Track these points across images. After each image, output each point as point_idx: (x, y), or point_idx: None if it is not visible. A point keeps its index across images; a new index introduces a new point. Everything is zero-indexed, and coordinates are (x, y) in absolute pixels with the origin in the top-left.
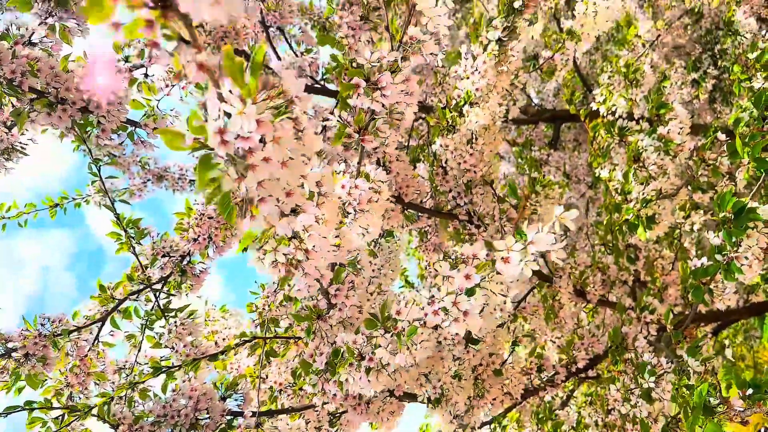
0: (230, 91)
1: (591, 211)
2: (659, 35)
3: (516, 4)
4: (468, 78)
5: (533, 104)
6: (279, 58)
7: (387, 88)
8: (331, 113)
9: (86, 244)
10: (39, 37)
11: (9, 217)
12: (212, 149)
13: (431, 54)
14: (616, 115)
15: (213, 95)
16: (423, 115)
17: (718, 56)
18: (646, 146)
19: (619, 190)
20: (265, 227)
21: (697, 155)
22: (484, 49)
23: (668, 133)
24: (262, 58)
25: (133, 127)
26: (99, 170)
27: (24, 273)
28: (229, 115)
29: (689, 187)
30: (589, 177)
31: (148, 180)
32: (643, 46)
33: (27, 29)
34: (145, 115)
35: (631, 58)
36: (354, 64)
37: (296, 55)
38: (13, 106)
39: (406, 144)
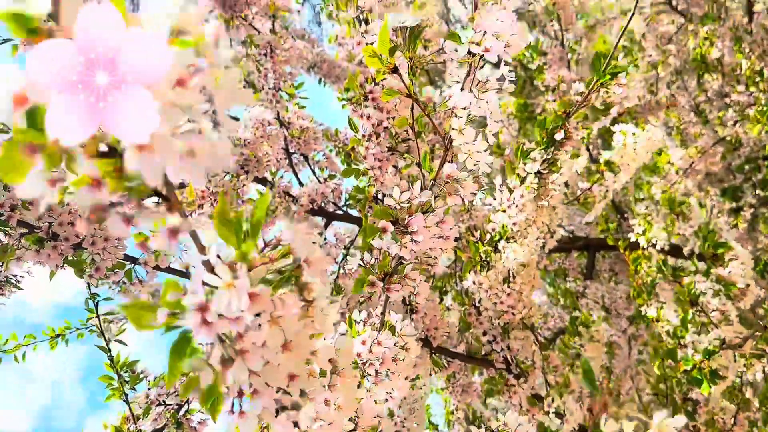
0: (218, 256)
1: (633, 349)
2: (692, 162)
3: (557, 136)
4: (504, 211)
5: (565, 231)
6: (301, 184)
7: (419, 233)
8: (352, 242)
9: (99, 358)
10: None
11: (5, 351)
12: (190, 331)
13: (471, 194)
14: (657, 248)
15: (196, 259)
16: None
17: (758, 186)
18: (704, 290)
19: (671, 334)
20: (258, 428)
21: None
22: (522, 182)
23: (728, 275)
24: (264, 214)
25: (132, 264)
26: (96, 306)
27: (35, 386)
28: (214, 288)
29: (757, 339)
30: (629, 311)
31: None
32: (677, 173)
33: None
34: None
35: (665, 185)
36: (379, 199)
37: (319, 182)
38: (0, 241)
39: (431, 274)
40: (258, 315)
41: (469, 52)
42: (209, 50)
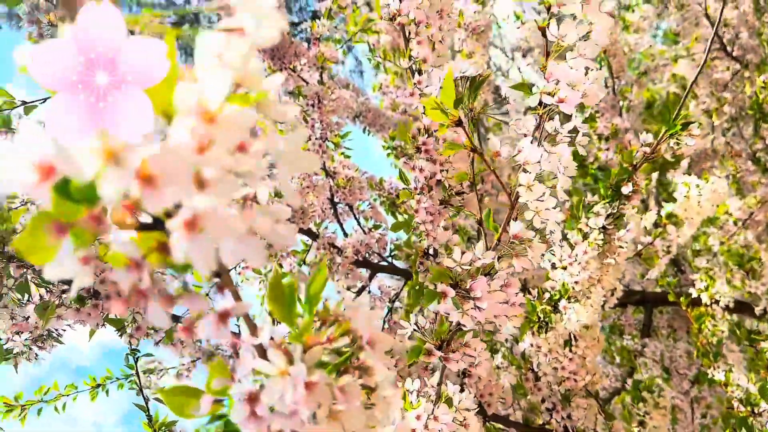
0: (271, 338)
1: (696, 413)
2: (752, 213)
3: (625, 190)
4: (565, 269)
5: (621, 285)
6: (346, 235)
7: (483, 299)
8: (397, 296)
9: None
10: None
11: (47, 401)
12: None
13: (541, 255)
14: (722, 305)
15: (246, 341)
16: None
17: None
18: None
19: (743, 401)
20: None
21: None
22: (584, 238)
23: None
24: (322, 288)
25: (175, 323)
26: (136, 362)
27: (77, 429)
28: (266, 375)
29: None
30: (691, 371)
31: (198, 359)
32: (735, 224)
33: None
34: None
35: (723, 237)
36: (431, 255)
37: (364, 232)
38: (41, 297)
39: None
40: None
41: (540, 103)
42: (272, 108)
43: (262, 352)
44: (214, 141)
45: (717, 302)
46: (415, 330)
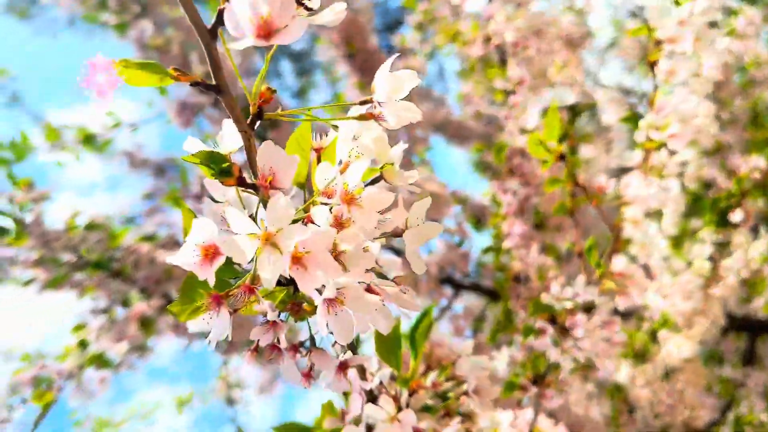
0: (381, 383)
1: None
2: None
3: (734, 217)
4: (665, 297)
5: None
6: (430, 252)
7: (584, 338)
8: (482, 315)
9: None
10: None
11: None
12: None
13: (643, 291)
14: None
15: (356, 385)
16: None
17: None
18: None
19: None
20: None
21: None
22: (689, 266)
23: None
24: (428, 329)
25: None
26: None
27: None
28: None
29: None
30: None
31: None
32: None
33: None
34: None
35: None
36: (521, 280)
37: (449, 248)
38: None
39: None
40: None
41: (648, 138)
42: (397, 176)
43: (370, 396)
44: (353, 220)
45: None
46: (509, 365)
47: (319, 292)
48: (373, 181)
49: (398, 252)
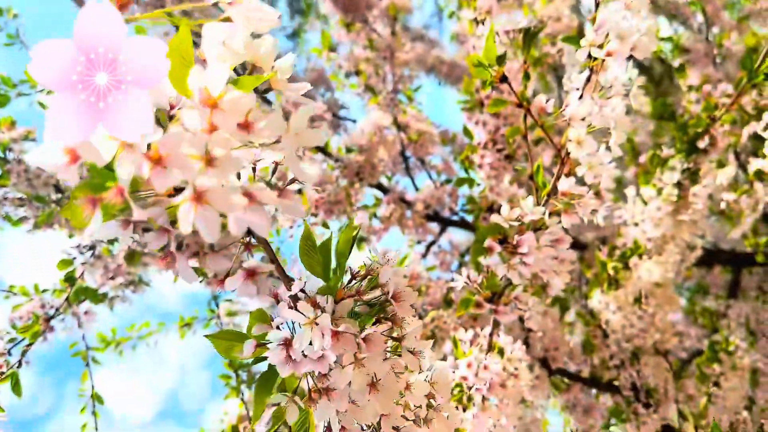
0: (302, 290)
1: None
2: None
3: (701, 144)
4: (637, 225)
5: (707, 243)
6: (417, 189)
7: (529, 254)
8: (468, 251)
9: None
10: None
11: (140, 337)
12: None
13: (592, 212)
14: None
15: (282, 292)
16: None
17: None
18: None
19: None
20: None
21: None
22: (659, 193)
23: None
24: (351, 244)
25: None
26: (217, 306)
27: (164, 371)
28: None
29: None
30: None
31: None
32: None
33: None
34: None
35: None
36: (495, 210)
37: (435, 186)
38: (129, 248)
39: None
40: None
41: (589, 56)
42: (284, 86)
43: (296, 303)
44: (218, 124)
45: None
46: (466, 283)
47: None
48: (265, 91)
49: (409, 204)
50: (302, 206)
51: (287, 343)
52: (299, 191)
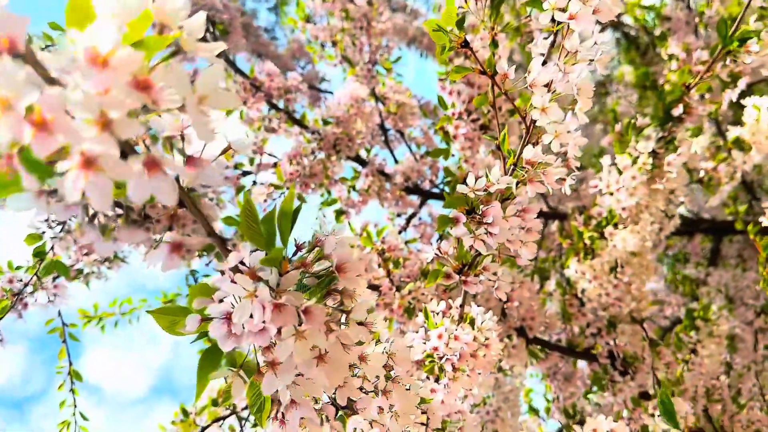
0: (242, 262)
1: (760, 344)
2: None
3: (676, 112)
4: (612, 195)
5: (688, 212)
6: (396, 162)
7: (494, 224)
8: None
9: None
10: None
11: (123, 313)
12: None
13: (560, 180)
14: None
15: (223, 265)
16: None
17: None
18: None
19: None
20: None
21: None
22: (634, 162)
23: None
24: (292, 214)
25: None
26: (196, 281)
27: (157, 347)
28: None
29: None
30: (758, 301)
31: None
32: None
33: None
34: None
35: None
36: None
37: (415, 159)
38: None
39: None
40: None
41: (553, 20)
42: (194, 46)
43: (237, 271)
44: (109, 84)
45: None
46: (437, 254)
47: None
48: (174, 53)
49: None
50: (220, 175)
51: (228, 317)
52: (275, 164)
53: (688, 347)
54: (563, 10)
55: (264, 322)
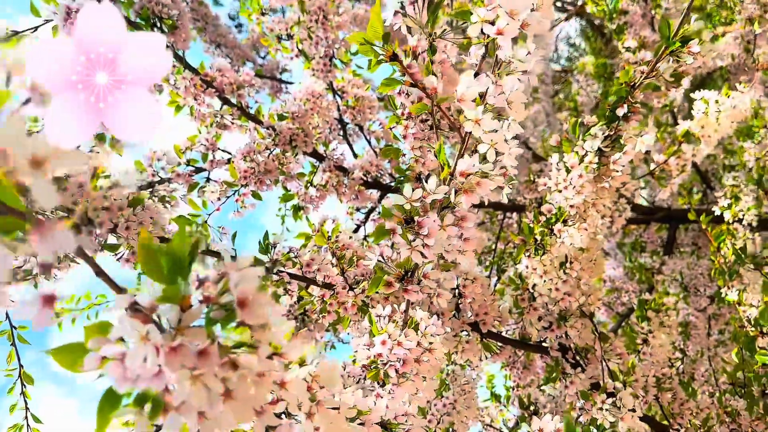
0: (135, 303)
1: (713, 329)
2: None
3: (620, 111)
4: (560, 192)
5: (646, 201)
6: (355, 156)
7: (430, 236)
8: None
9: None
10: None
11: (80, 309)
12: None
13: (497, 188)
14: (744, 223)
15: (119, 301)
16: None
17: None
18: None
19: (752, 322)
20: None
21: None
22: (581, 161)
23: None
24: (190, 247)
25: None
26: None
27: None
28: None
29: None
30: (711, 288)
31: None
32: None
33: None
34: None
35: (759, 152)
36: (423, 180)
37: (375, 153)
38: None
39: (493, 247)
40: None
41: (483, 32)
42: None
43: (134, 314)
44: None
45: (740, 221)
46: (380, 260)
47: None
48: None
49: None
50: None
51: (122, 359)
52: (229, 161)
53: (641, 337)
54: (492, 23)
55: (160, 365)
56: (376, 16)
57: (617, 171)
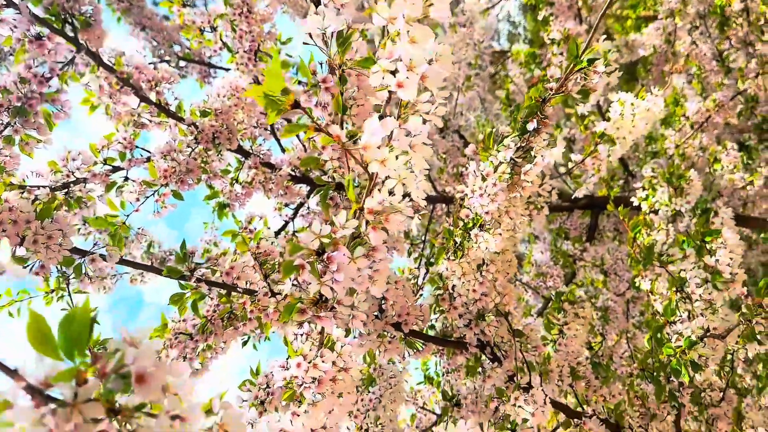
0: (29, 385)
1: (632, 311)
2: (709, 116)
3: (530, 126)
4: (476, 198)
5: (569, 188)
6: (283, 151)
7: (339, 270)
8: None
9: (124, 291)
10: None
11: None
12: None
13: (408, 218)
14: (660, 215)
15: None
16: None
17: None
18: (690, 278)
19: (661, 311)
20: None
21: (753, 301)
22: (495, 170)
23: (716, 264)
24: (88, 324)
25: (82, 258)
26: (68, 285)
27: None
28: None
29: (740, 335)
30: (631, 273)
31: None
32: (692, 127)
33: None
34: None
35: (679, 140)
36: (344, 188)
37: (304, 148)
38: None
39: (423, 239)
40: None
41: (383, 84)
42: None
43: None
44: None
45: (656, 212)
46: (294, 285)
47: None
48: None
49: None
50: None
51: None
52: (148, 159)
53: (557, 328)
54: (393, 73)
55: None
56: (274, 71)
57: (528, 182)
